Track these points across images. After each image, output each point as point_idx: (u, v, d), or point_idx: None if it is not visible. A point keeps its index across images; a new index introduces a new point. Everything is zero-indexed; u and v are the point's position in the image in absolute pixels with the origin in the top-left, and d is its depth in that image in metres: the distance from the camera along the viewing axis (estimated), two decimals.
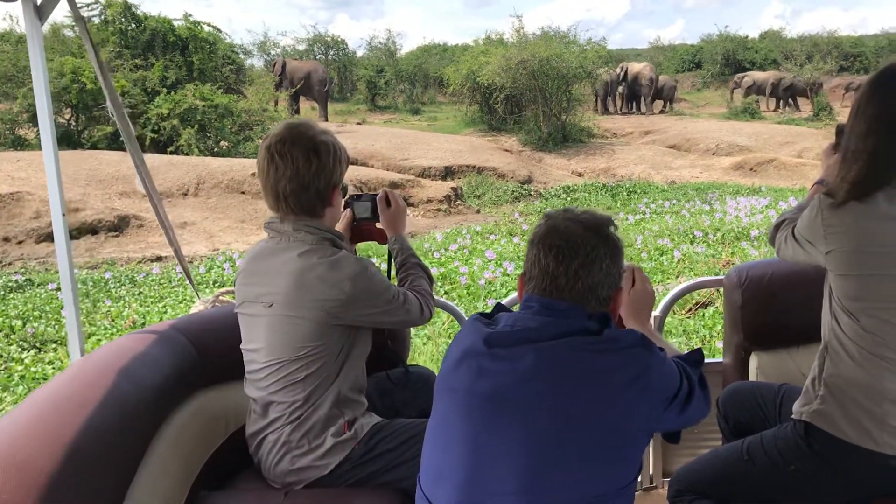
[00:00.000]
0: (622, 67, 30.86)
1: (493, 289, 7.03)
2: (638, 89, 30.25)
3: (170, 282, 7.90)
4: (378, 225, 2.43)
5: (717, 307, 6.11)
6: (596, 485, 1.37)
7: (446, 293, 7.04)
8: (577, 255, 1.49)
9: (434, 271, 7.50)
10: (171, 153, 16.01)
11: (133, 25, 20.85)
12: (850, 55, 38.82)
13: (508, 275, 7.42)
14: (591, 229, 1.52)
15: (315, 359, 2.00)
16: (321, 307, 1.96)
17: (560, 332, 1.44)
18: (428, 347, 5.47)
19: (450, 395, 1.50)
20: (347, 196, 2.37)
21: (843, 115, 24.60)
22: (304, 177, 1.99)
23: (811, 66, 31.28)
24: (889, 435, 1.75)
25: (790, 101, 30.03)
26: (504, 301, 2.40)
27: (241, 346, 2.11)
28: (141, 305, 6.94)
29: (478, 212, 13.84)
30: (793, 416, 1.93)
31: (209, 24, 22.56)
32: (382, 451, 2.06)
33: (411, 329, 5.87)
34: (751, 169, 17.28)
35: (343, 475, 2.04)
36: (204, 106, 17.05)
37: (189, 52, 21.43)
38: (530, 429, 1.38)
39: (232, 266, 8.31)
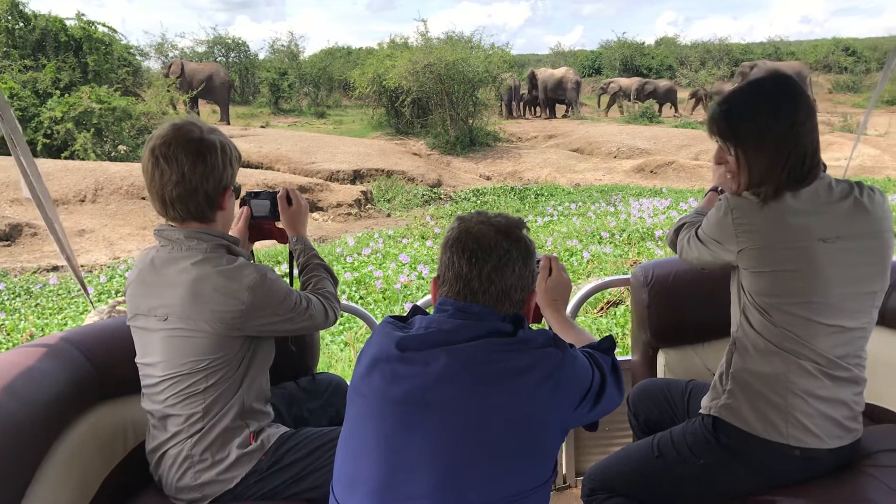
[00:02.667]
0: (531, 74, 31.31)
1: (408, 292, 7.02)
2: (563, 94, 30.73)
3: (69, 292, 7.56)
4: (278, 224, 2.36)
5: (627, 305, 6.27)
6: (511, 485, 1.37)
7: (361, 298, 6.98)
8: (490, 258, 1.50)
9: (347, 276, 7.44)
10: (66, 158, 15.32)
11: (21, 24, 19.88)
12: (740, 61, 40.58)
13: (424, 278, 7.42)
14: (503, 232, 1.53)
15: (215, 370, 1.92)
16: (220, 319, 1.89)
17: (474, 335, 1.44)
18: (346, 353, 5.41)
19: (362, 401, 1.48)
20: (245, 193, 2.30)
21: None
22: (190, 181, 1.89)
23: (705, 71, 32.57)
24: (794, 427, 1.83)
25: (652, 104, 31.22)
26: (419, 302, 2.40)
27: (136, 360, 2.02)
28: (38, 318, 6.62)
29: (388, 215, 13.79)
30: (701, 411, 1.99)
31: (104, 25, 21.76)
32: (290, 461, 2.01)
33: (327, 336, 5.84)
34: (651, 171, 17.82)
35: (249, 488, 1.97)
36: (100, 109, 16.38)
37: (83, 52, 20.58)
38: (443, 431, 1.38)
39: None
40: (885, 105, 30.05)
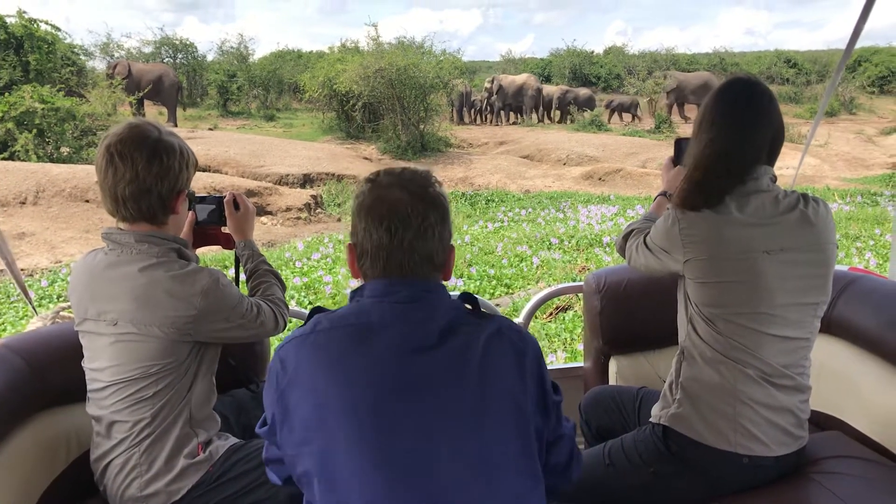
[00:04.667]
0: (492, 80, 31.37)
1: None
2: (522, 100, 30.86)
3: (8, 297, 7.35)
4: (224, 229, 2.32)
5: (576, 311, 6.34)
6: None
7: (310, 303, 6.91)
8: (410, 226, 1.43)
9: (297, 281, 7.36)
10: (6, 159, 14.85)
11: None
12: (686, 71, 41.39)
13: None
14: (418, 196, 1.46)
15: (164, 376, 1.89)
16: (172, 324, 1.86)
17: (447, 322, 1.39)
18: None
19: (347, 425, 1.33)
20: (188, 196, 2.26)
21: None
22: (145, 180, 1.86)
23: (652, 80, 33.11)
24: (742, 435, 1.86)
25: (570, 111, 31.62)
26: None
27: (84, 364, 1.97)
28: None
29: (339, 220, 13.70)
30: (651, 420, 2.01)
31: (46, 23, 21.22)
32: (239, 472, 1.97)
33: (276, 342, 5.75)
34: (599, 178, 18.02)
35: (196, 500, 1.93)
36: (43, 109, 15.89)
37: (24, 51, 20.05)
38: (451, 432, 1.32)
39: None
40: (824, 116, 30.91)
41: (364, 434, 1.31)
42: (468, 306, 1.48)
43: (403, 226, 1.43)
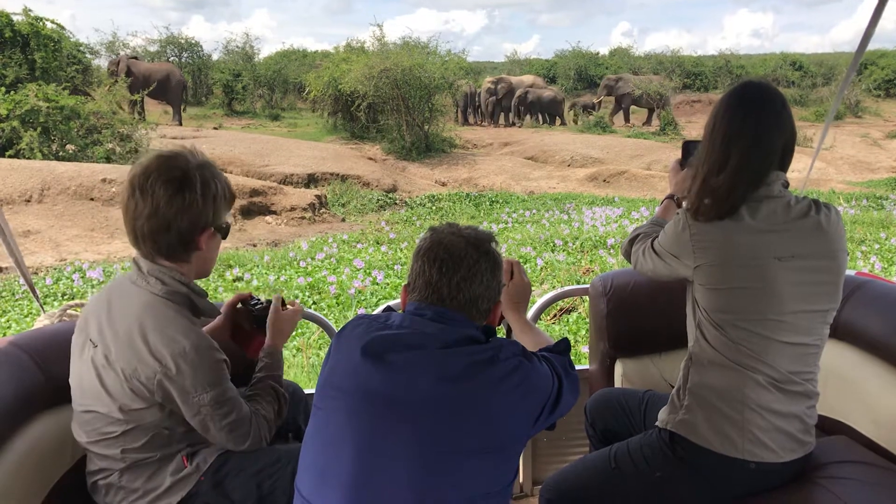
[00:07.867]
0: (496, 81, 31.29)
1: (362, 298, 6.98)
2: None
3: (13, 294, 7.36)
4: (258, 336, 2.20)
5: (580, 313, 6.34)
6: (480, 485, 1.44)
7: (315, 304, 6.92)
8: (460, 267, 1.56)
9: (301, 281, 7.37)
10: (11, 157, 14.86)
11: None
12: (691, 73, 41.29)
13: (378, 283, 7.39)
14: (473, 244, 1.59)
15: (132, 419, 1.81)
16: (133, 375, 1.75)
17: (453, 340, 1.50)
18: (298, 360, 5.36)
19: (339, 394, 1.50)
20: (250, 298, 2.18)
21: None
22: (164, 215, 1.77)
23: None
24: (750, 442, 1.85)
25: (539, 113, 31.42)
26: (391, 304, 2.42)
27: (70, 380, 1.92)
28: None
29: (343, 220, 13.70)
30: (658, 425, 2.00)
31: (52, 21, 21.27)
32: (235, 480, 1.91)
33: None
34: (604, 180, 18.02)
35: None
36: (48, 107, 15.89)
37: (30, 49, 20.09)
38: (420, 431, 1.42)
39: (81, 277, 7.82)
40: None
41: None
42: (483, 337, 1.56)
43: (455, 266, 1.56)
